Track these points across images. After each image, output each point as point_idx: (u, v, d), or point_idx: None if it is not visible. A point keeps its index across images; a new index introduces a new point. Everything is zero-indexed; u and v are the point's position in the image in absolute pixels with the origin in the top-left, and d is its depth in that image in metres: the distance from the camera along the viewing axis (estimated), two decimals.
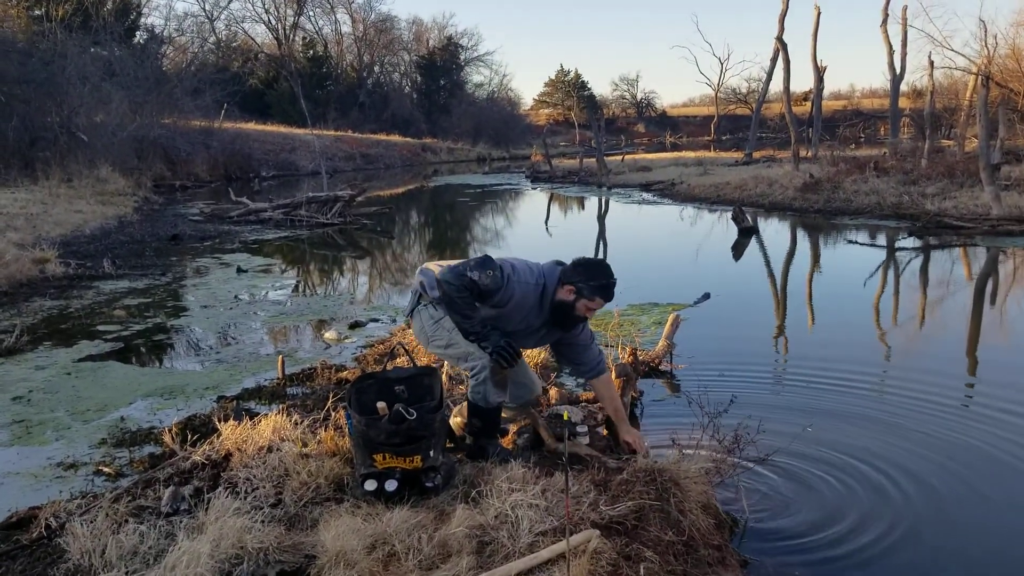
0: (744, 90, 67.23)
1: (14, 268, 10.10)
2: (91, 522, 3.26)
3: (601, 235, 15.93)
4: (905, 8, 32.85)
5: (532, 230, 17.31)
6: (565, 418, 3.90)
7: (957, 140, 23.64)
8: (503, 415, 4.14)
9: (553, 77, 76.27)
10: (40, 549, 3.32)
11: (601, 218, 19.57)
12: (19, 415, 5.34)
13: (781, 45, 31.89)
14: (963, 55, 27.61)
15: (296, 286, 10.60)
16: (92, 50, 29.00)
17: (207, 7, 52.42)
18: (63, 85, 22.83)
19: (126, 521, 3.29)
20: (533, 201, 24.77)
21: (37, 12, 32.81)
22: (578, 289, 3.79)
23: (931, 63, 23.79)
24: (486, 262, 3.73)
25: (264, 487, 3.55)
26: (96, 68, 26.71)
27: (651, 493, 3.34)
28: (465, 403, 4.14)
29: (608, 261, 3.97)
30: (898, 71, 33.51)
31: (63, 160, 21.51)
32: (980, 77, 17.13)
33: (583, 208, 21.99)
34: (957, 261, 11.28)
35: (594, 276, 3.82)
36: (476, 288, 3.69)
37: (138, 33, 40.59)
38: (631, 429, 4.14)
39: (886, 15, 32.91)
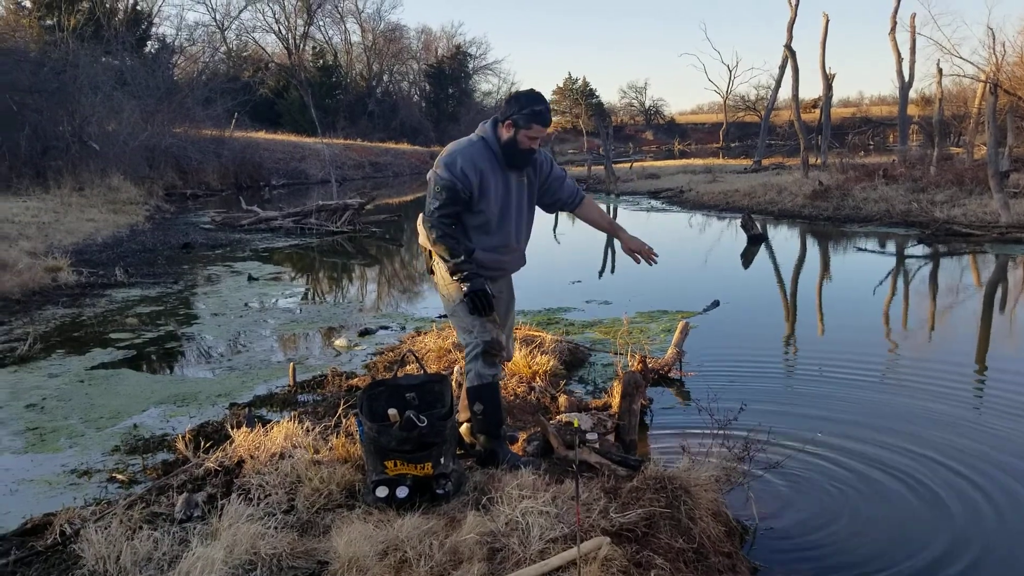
0: (753, 97, 67.27)
1: (27, 276, 10.17)
2: (105, 528, 3.28)
3: (609, 243, 15.93)
4: (914, 16, 32.88)
5: (540, 238, 17.33)
6: (575, 425, 3.91)
7: (966, 148, 23.62)
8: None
9: (561, 85, 76.36)
10: (55, 555, 3.35)
11: None
12: (33, 422, 5.38)
13: (790, 53, 31.91)
14: (972, 63, 27.61)
15: (306, 294, 10.64)
16: (104, 60, 29.21)
17: (218, 17, 52.92)
18: (75, 94, 23.00)
19: (140, 528, 3.31)
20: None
21: (49, 22, 33.09)
22: (514, 121, 3.86)
23: (940, 71, 23.75)
24: (434, 185, 3.81)
25: (276, 493, 3.58)
26: (108, 77, 26.88)
27: (661, 500, 3.35)
28: (464, 402, 4.16)
29: (617, 269, 4.02)
30: (907, 79, 33.43)
31: (75, 169, 21.66)
32: (989, 84, 17.09)
33: None
34: (966, 269, 11.26)
35: (524, 104, 3.87)
36: (449, 208, 3.79)
37: (149, 43, 40.92)
38: (632, 236, 4.34)
39: (894, 23, 32.85)
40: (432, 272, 4.08)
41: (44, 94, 21.69)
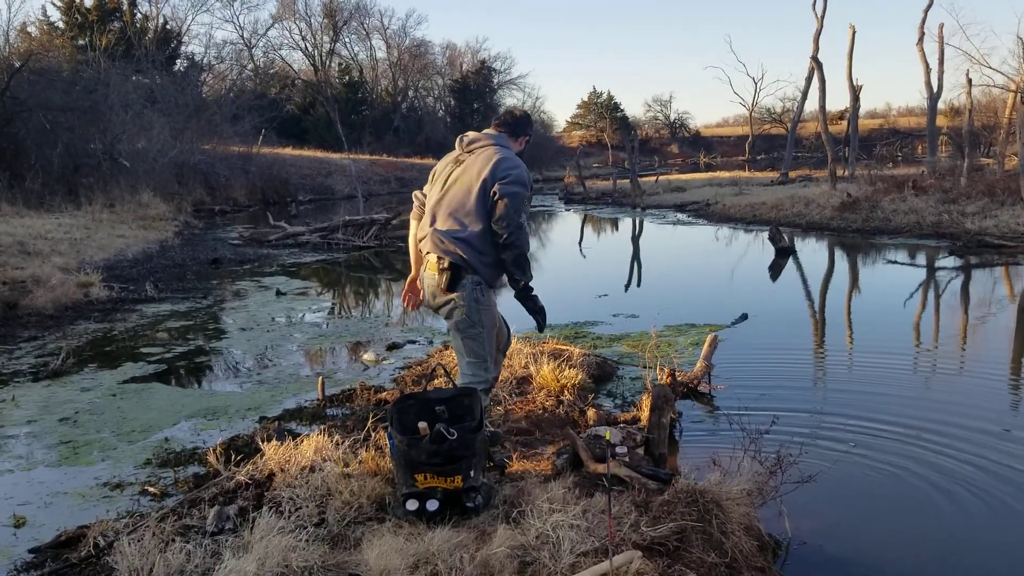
0: (779, 110, 66.93)
1: (59, 292, 10.30)
2: (138, 541, 3.31)
3: (635, 256, 15.91)
4: (942, 26, 32.55)
5: (566, 251, 17.32)
6: (607, 438, 3.89)
7: (997, 158, 23.33)
8: None
9: (586, 99, 76.45)
10: (89, 567, 3.38)
11: (635, 239, 19.55)
12: (66, 436, 5.44)
13: (816, 64, 31.76)
14: (1001, 72, 27.23)
15: (333, 308, 10.70)
16: (134, 78, 29.69)
17: (246, 35, 53.64)
18: (106, 112, 23.35)
19: (173, 540, 3.34)
20: (566, 222, 24.80)
21: (81, 42, 33.77)
22: (529, 137, 4.38)
23: (969, 81, 23.53)
24: (524, 201, 3.99)
25: (307, 507, 3.59)
26: (138, 95, 27.31)
27: (693, 514, 3.32)
28: None
29: (644, 282, 4.05)
30: (935, 89, 33.22)
31: (106, 186, 21.95)
32: (1019, 94, 16.91)
33: (617, 229, 21.98)
34: (999, 280, 11.11)
35: (531, 123, 4.44)
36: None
37: (178, 61, 41.55)
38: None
39: (922, 33, 32.71)
40: (451, 290, 4.01)
41: (76, 112, 22.02)
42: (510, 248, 3.92)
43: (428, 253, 4.07)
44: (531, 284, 4.03)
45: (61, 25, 36.51)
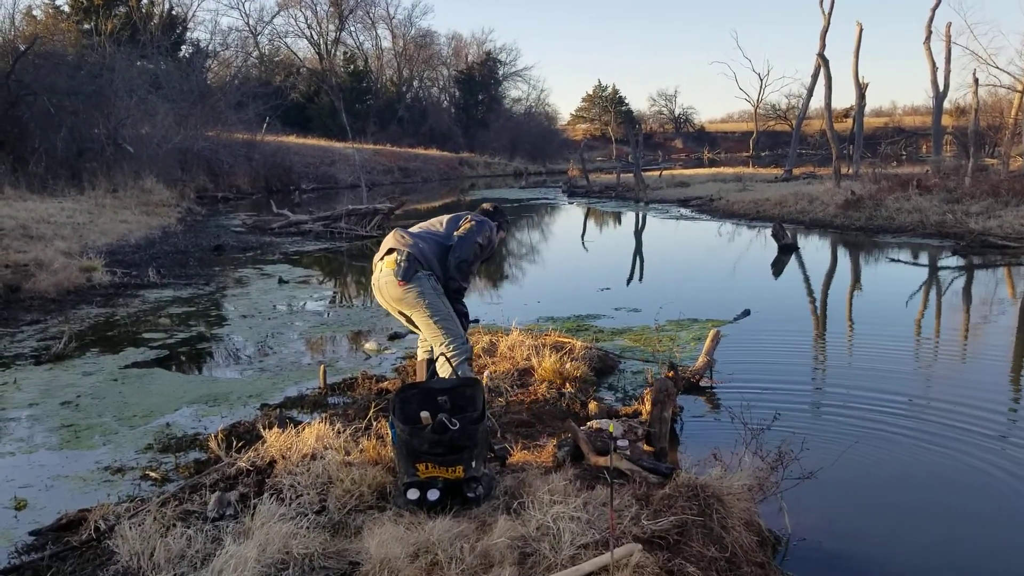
0: (784, 106, 66.80)
1: (62, 276, 10.30)
2: (139, 525, 3.32)
3: (638, 250, 15.89)
4: (949, 25, 32.29)
5: (569, 244, 17.31)
6: (611, 430, 3.89)
7: (1001, 158, 23.29)
8: None
9: (590, 92, 76.35)
10: (90, 551, 3.39)
11: (638, 233, 19.51)
12: (68, 420, 5.44)
13: (822, 61, 31.64)
14: (1008, 72, 27.13)
15: (335, 297, 10.70)
16: (139, 63, 29.61)
17: (251, 22, 53.53)
18: (110, 97, 23.28)
19: (174, 525, 3.34)
20: (570, 216, 24.78)
21: (86, 26, 33.68)
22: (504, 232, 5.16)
23: (975, 80, 23.44)
24: (483, 225, 4.74)
25: (308, 494, 3.60)
26: (143, 81, 27.23)
27: (693, 508, 3.32)
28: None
29: (646, 276, 4.07)
30: (941, 88, 33.08)
31: (109, 171, 21.92)
32: None
33: (620, 223, 21.95)
34: (1002, 281, 11.10)
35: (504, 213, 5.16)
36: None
37: (184, 47, 41.47)
38: None
39: (929, 32, 32.55)
40: (407, 279, 4.47)
41: (81, 97, 21.96)
42: (457, 282, 4.61)
43: (386, 254, 4.57)
44: (464, 288, 4.72)
45: (66, 9, 36.40)
